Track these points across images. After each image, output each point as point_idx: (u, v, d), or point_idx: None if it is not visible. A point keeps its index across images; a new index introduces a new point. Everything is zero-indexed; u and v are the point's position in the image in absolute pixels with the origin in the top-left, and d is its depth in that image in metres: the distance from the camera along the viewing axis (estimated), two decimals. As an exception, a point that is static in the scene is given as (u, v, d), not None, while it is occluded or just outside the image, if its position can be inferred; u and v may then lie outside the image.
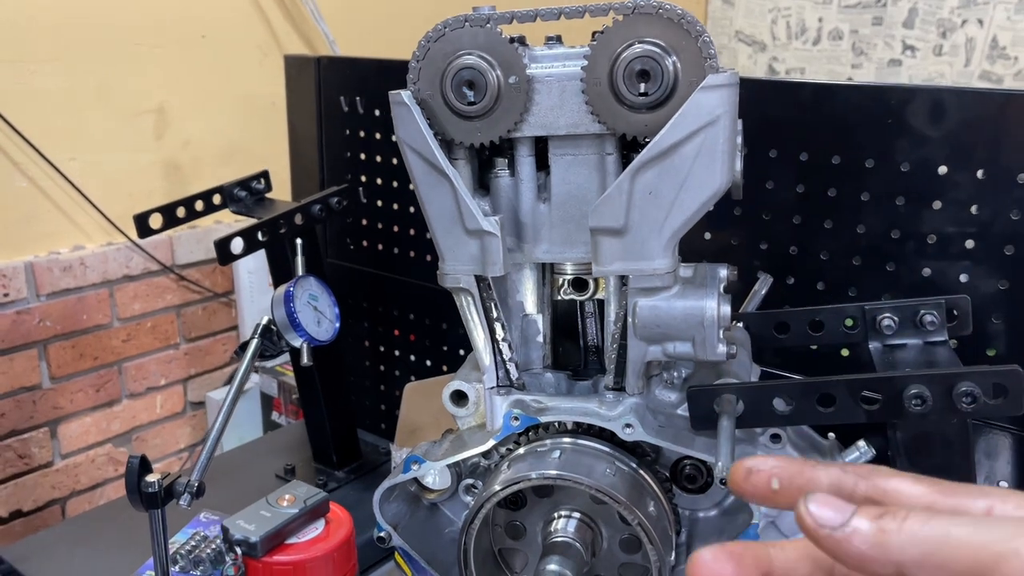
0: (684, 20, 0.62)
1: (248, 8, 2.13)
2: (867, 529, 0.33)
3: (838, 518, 0.33)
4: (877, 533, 0.32)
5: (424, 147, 0.67)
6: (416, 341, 1.43)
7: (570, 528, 0.70)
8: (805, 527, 0.34)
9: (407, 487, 0.80)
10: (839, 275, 1.00)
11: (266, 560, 0.76)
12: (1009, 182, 0.89)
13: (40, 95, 1.80)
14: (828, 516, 0.33)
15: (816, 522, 0.34)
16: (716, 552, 0.37)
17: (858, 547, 0.33)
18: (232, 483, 1.28)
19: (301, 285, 1.06)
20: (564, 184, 0.70)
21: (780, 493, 0.39)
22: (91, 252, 1.92)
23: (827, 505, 0.34)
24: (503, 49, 0.66)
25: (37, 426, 1.89)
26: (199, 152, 2.08)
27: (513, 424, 0.73)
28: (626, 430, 0.70)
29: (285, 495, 0.80)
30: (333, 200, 1.21)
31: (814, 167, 0.99)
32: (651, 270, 0.66)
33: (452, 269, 0.71)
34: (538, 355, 0.78)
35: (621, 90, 0.64)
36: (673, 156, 0.63)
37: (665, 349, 0.69)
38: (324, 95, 1.43)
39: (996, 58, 2.98)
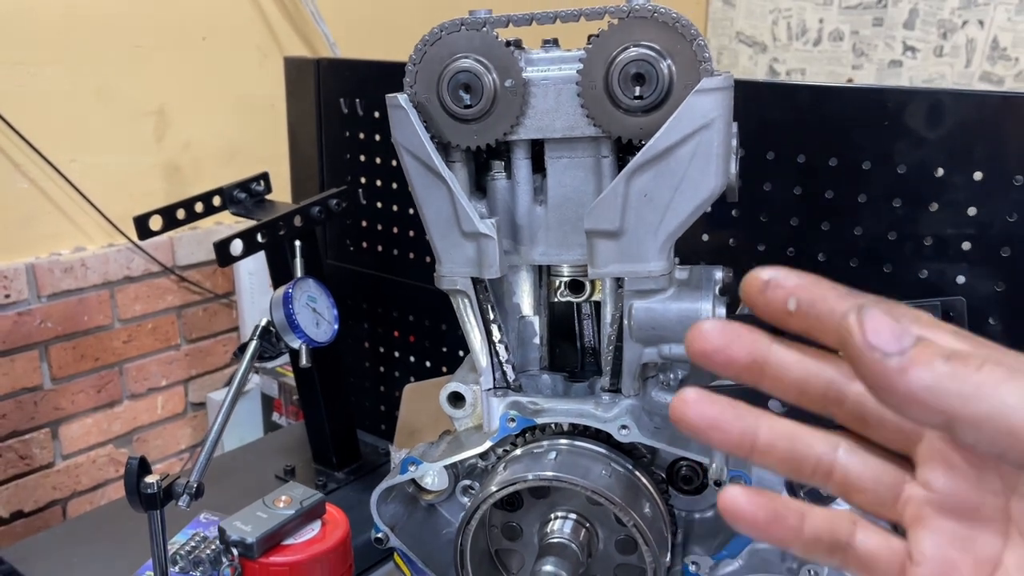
0: (679, 24, 0.62)
1: (248, 10, 2.14)
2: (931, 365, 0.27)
3: (896, 343, 0.27)
4: (944, 375, 0.27)
5: (421, 150, 0.68)
6: (416, 342, 1.43)
7: (566, 529, 0.71)
8: (852, 345, 0.28)
9: (405, 488, 0.80)
10: (836, 276, 0.99)
11: (262, 561, 0.77)
12: (1006, 184, 0.89)
13: (41, 96, 1.80)
14: (885, 337, 0.28)
15: (868, 341, 0.28)
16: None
17: (915, 384, 0.27)
18: (232, 484, 1.29)
19: (300, 287, 1.06)
20: (560, 187, 0.70)
21: (795, 316, 0.32)
22: (92, 253, 1.92)
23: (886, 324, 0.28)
24: (499, 52, 0.66)
25: (38, 427, 1.89)
26: (199, 153, 2.09)
27: (510, 426, 0.74)
28: (622, 431, 0.71)
29: (281, 496, 0.81)
30: (332, 202, 1.21)
31: (812, 169, 1.00)
32: (646, 272, 0.67)
33: (449, 271, 0.72)
34: (535, 357, 0.78)
35: (616, 93, 0.64)
36: (668, 159, 0.64)
37: (661, 351, 0.69)
38: (324, 97, 1.43)
39: (997, 59, 2.98)
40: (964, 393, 0.27)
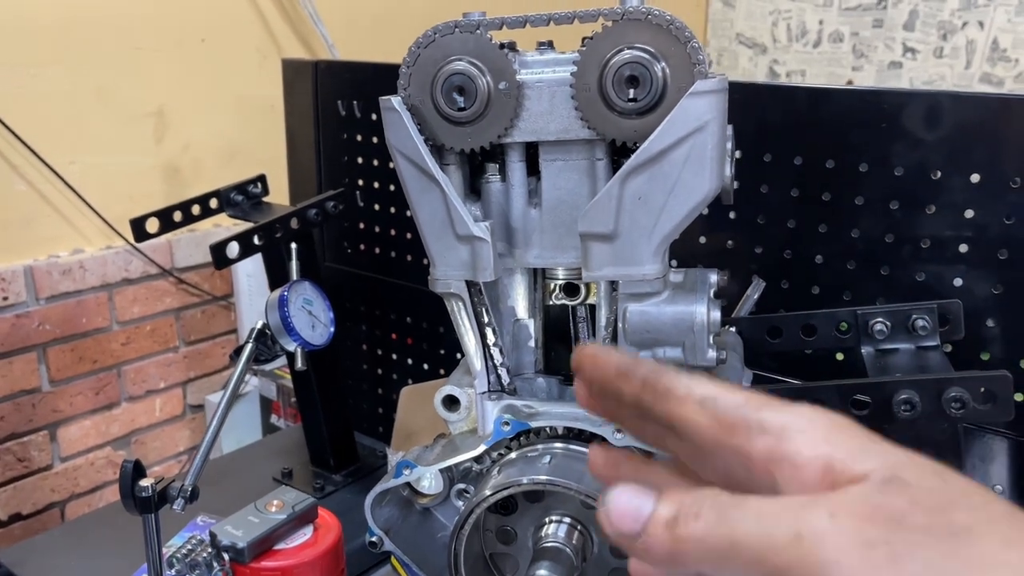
0: (673, 26, 0.62)
1: (247, 11, 2.14)
2: (662, 539, 0.32)
3: (635, 526, 0.32)
4: (672, 543, 0.32)
5: (415, 153, 0.68)
6: (413, 345, 1.43)
7: (561, 533, 0.70)
8: (608, 534, 0.33)
9: (399, 491, 0.80)
10: (834, 279, 1.00)
11: (253, 566, 0.76)
12: (1003, 187, 0.89)
13: (40, 98, 1.80)
14: (626, 524, 0.33)
15: (617, 531, 0.33)
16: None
17: (658, 556, 0.32)
18: (230, 486, 1.28)
19: (295, 289, 1.06)
20: (554, 189, 0.70)
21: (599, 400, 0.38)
22: (90, 255, 1.92)
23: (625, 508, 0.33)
24: (493, 55, 0.66)
25: (36, 429, 1.89)
26: (199, 155, 2.09)
27: (504, 429, 0.73)
28: (617, 435, 0.70)
29: (274, 501, 0.80)
30: (329, 204, 1.21)
31: (809, 171, 0.99)
32: (641, 275, 0.67)
33: (443, 274, 0.71)
34: (530, 360, 0.78)
35: (611, 96, 0.64)
36: (662, 162, 0.63)
37: (655, 354, 0.69)
38: (321, 99, 1.43)
39: (997, 60, 2.98)
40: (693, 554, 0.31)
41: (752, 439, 0.32)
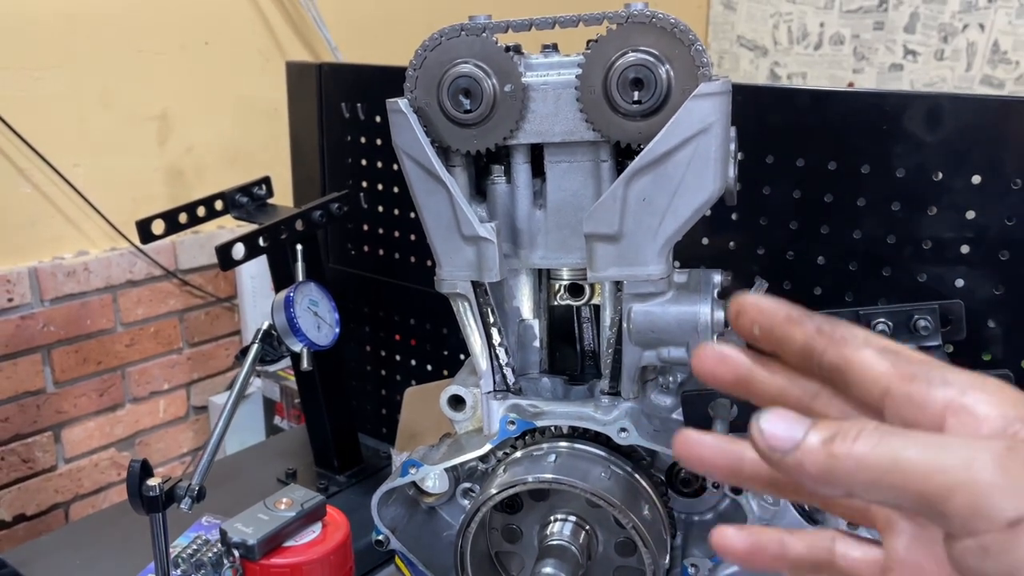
0: (677, 29, 0.63)
1: (251, 14, 2.15)
2: (816, 454, 0.32)
3: (788, 441, 0.33)
4: (827, 458, 0.32)
5: (421, 154, 0.68)
6: (417, 346, 1.44)
7: (566, 531, 0.71)
8: (758, 449, 0.33)
9: (405, 491, 0.80)
10: (836, 280, 1.01)
11: (263, 563, 0.77)
12: (1004, 188, 0.89)
13: (44, 101, 1.81)
14: (779, 439, 0.33)
15: (768, 444, 0.33)
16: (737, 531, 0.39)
17: (809, 472, 0.32)
18: (234, 487, 1.29)
19: (301, 291, 1.07)
20: (559, 191, 0.70)
21: (761, 340, 0.39)
22: (95, 257, 1.93)
23: (778, 424, 0.33)
24: (499, 58, 0.66)
25: (41, 430, 1.90)
26: (202, 157, 2.09)
27: (509, 428, 0.74)
28: (621, 434, 0.71)
29: (283, 499, 0.81)
30: (334, 206, 1.22)
31: (811, 173, 1.00)
32: (645, 276, 0.67)
33: (449, 275, 0.72)
34: (535, 360, 0.79)
35: (615, 98, 0.64)
36: (666, 163, 0.64)
37: (660, 354, 0.70)
38: (325, 101, 1.44)
39: (998, 62, 2.98)
40: (848, 470, 0.31)
41: (933, 389, 0.33)
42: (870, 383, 0.34)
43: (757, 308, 0.39)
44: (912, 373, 0.34)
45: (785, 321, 0.38)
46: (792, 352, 0.38)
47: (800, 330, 0.37)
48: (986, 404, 0.32)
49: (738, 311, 0.39)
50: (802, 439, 0.32)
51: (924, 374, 0.34)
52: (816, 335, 0.36)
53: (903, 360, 0.34)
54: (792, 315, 0.38)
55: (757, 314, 0.38)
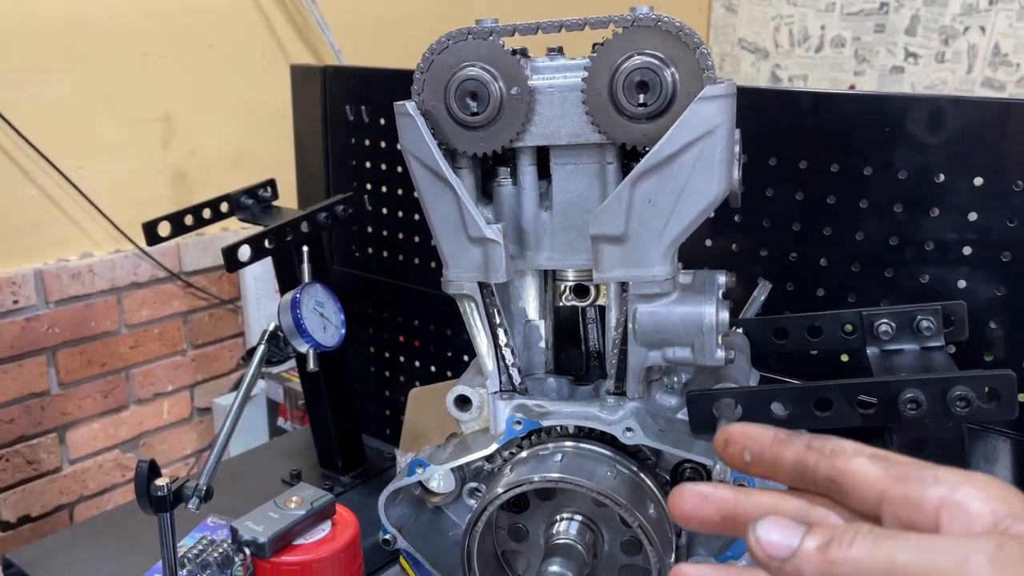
0: (682, 32, 0.63)
1: (254, 17, 2.16)
2: (813, 560, 0.33)
3: (785, 549, 0.34)
4: (824, 564, 0.33)
5: (428, 157, 0.69)
6: (421, 347, 1.44)
7: (572, 530, 0.72)
8: (756, 556, 0.34)
9: (412, 490, 0.81)
10: (838, 281, 1.01)
11: (274, 560, 0.78)
12: (1006, 190, 0.90)
13: (49, 104, 1.82)
14: (775, 547, 0.34)
15: (765, 553, 0.34)
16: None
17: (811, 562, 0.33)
18: (238, 488, 1.29)
19: (307, 292, 1.08)
20: (565, 193, 0.71)
21: (752, 465, 0.40)
22: (99, 259, 1.94)
23: (774, 532, 0.34)
24: (505, 61, 0.67)
25: (46, 432, 1.90)
26: (206, 160, 2.10)
27: (516, 428, 0.75)
28: (627, 434, 0.71)
29: (293, 497, 0.82)
30: (339, 208, 1.22)
31: (813, 175, 1.01)
32: (650, 277, 0.68)
33: (456, 276, 0.73)
34: (540, 360, 0.79)
35: (621, 101, 0.65)
36: (672, 165, 0.65)
37: (665, 354, 0.70)
38: (330, 104, 1.44)
39: (998, 65, 2.99)
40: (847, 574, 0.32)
41: (926, 488, 0.34)
42: (865, 489, 0.36)
43: (744, 435, 0.40)
44: (905, 475, 0.35)
45: (774, 443, 0.39)
46: (785, 472, 0.39)
47: (790, 449, 0.38)
48: (977, 500, 0.33)
49: (726, 440, 0.41)
50: (798, 546, 0.33)
51: (916, 474, 0.35)
52: (806, 452, 0.38)
53: (894, 463, 0.36)
54: (779, 436, 0.39)
55: (746, 440, 0.40)
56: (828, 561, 0.33)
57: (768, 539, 0.34)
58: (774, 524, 0.34)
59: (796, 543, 0.33)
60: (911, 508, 0.34)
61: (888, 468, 0.35)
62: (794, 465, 0.38)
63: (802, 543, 0.33)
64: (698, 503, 0.40)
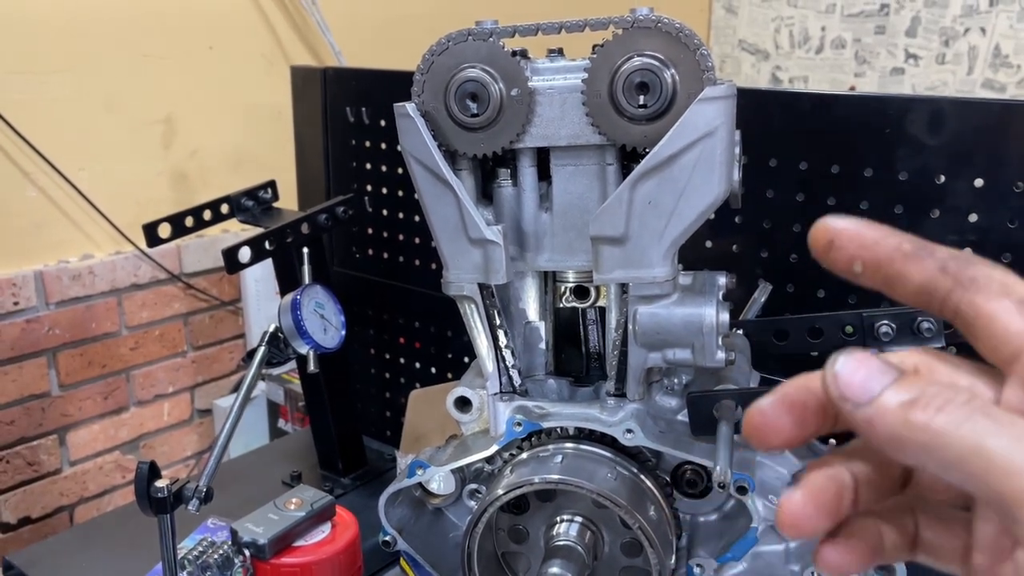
0: (682, 34, 0.64)
1: (255, 19, 2.16)
2: (892, 416, 0.28)
3: (863, 394, 0.29)
4: (902, 425, 0.28)
5: (428, 158, 0.69)
6: (421, 349, 1.44)
7: (572, 532, 0.72)
8: (829, 393, 0.30)
9: (412, 492, 0.81)
10: (839, 283, 1.00)
11: (274, 562, 0.78)
12: (1006, 191, 0.90)
13: (49, 105, 1.82)
14: (853, 389, 0.29)
15: (840, 393, 0.29)
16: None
17: (880, 434, 0.29)
18: (239, 490, 1.29)
19: (307, 293, 1.08)
20: (565, 194, 0.71)
21: (865, 275, 0.33)
22: (99, 261, 1.94)
23: (857, 372, 0.29)
24: (505, 62, 0.67)
25: (46, 433, 1.90)
26: (206, 161, 2.10)
27: (516, 430, 0.75)
28: (627, 435, 0.71)
29: (292, 499, 0.82)
30: (339, 209, 1.22)
31: (814, 176, 1.01)
32: (651, 278, 0.68)
33: (456, 277, 0.73)
34: (540, 362, 0.79)
35: (621, 102, 0.65)
36: (672, 166, 0.65)
37: (665, 356, 0.70)
38: (330, 106, 1.44)
39: (999, 66, 2.99)
40: (924, 443, 0.28)
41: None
42: (1001, 340, 0.30)
43: (858, 241, 0.32)
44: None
45: (897, 257, 0.32)
46: (906, 292, 0.32)
47: (919, 268, 0.31)
48: None
49: (830, 243, 0.33)
50: (878, 394, 0.29)
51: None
52: (940, 275, 0.31)
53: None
54: (905, 248, 0.32)
55: (858, 249, 0.32)
56: (907, 422, 0.28)
57: (848, 379, 0.29)
58: (857, 362, 0.29)
59: (876, 390, 0.29)
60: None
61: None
62: (921, 287, 0.32)
63: (883, 393, 0.29)
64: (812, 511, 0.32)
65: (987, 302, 0.30)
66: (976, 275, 0.31)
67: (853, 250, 0.33)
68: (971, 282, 0.31)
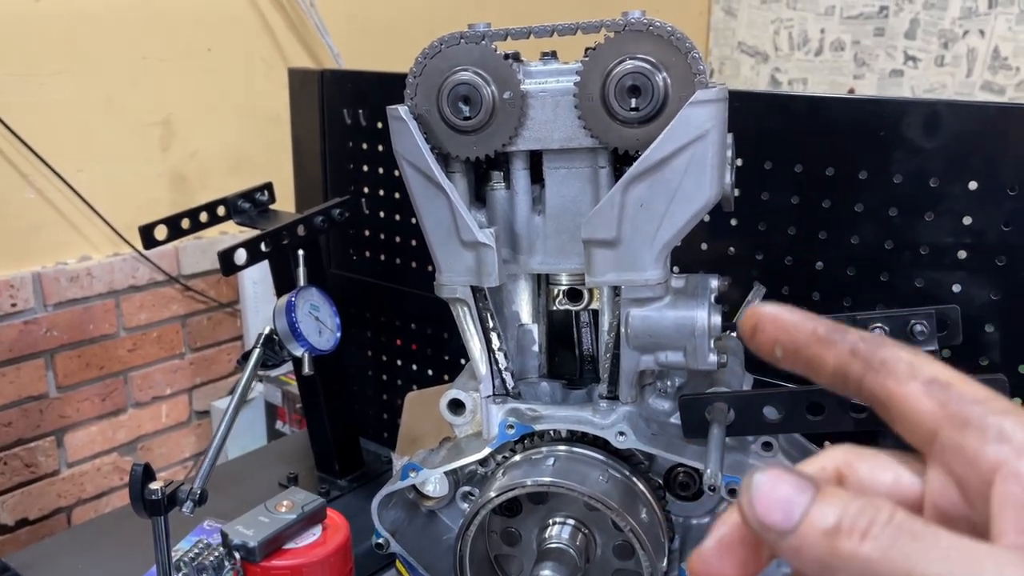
0: (674, 37, 0.64)
1: (253, 21, 2.16)
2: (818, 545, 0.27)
3: (785, 520, 0.27)
4: (829, 554, 0.27)
5: (421, 161, 0.69)
6: (418, 351, 1.44)
7: (564, 535, 0.72)
8: (747, 521, 0.28)
9: (405, 494, 0.81)
10: (834, 285, 1.01)
11: (264, 565, 0.78)
12: (1001, 194, 0.90)
13: (48, 107, 1.82)
14: (774, 516, 0.27)
15: (760, 522, 0.28)
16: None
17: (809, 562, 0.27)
18: (235, 491, 1.29)
19: (303, 295, 1.08)
20: (558, 196, 0.71)
21: (784, 361, 0.33)
22: (97, 263, 1.94)
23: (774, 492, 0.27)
24: (498, 65, 0.67)
25: (43, 435, 1.90)
26: (205, 163, 2.10)
27: (508, 432, 0.75)
28: (619, 438, 0.71)
29: (283, 501, 0.82)
30: (335, 212, 1.22)
31: (809, 179, 1.01)
32: (643, 281, 0.68)
33: (448, 280, 0.73)
34: (534, 364, 0.79)
35: (613, 105, 0.65)
36: (664, 169, 0.65)
37: (657, 358, 0.70)
38: (327, 108, 1.44)
39: (998, 68, 2.99)
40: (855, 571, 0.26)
41: (986, 443, 0.27)
42: (916, 423, 0.29)
43: (777, 324, 0.33)
44: (964, 418, 0.28)
45: (812, 341, 0.32)
46: (824, 376, 0.32)
47: (831, 352, 0.31)
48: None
49: (755, 327, 0.34)
50: (799, 521, 0.27)
51: (979, 420, 0.28)
52: (851, 359, 0.31)
53: (955, 399, 0.29)
54: (820, 334, 0.32)
55: (778, 332, 0.33)
56: (833, 551, 0.26)
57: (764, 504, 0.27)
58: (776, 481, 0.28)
59: (797, 517, 0.27)
60: (964, 462, 0.28)
61: (946, 404, 0.28)
62: (835, 371, 0.31)
63: (803, 520, 0.27)
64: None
65: (897, 386, 0.30)
66: (885, 357, 0.30)
67: (773, 332, 0.33)
68: (881, 365, 0.30)
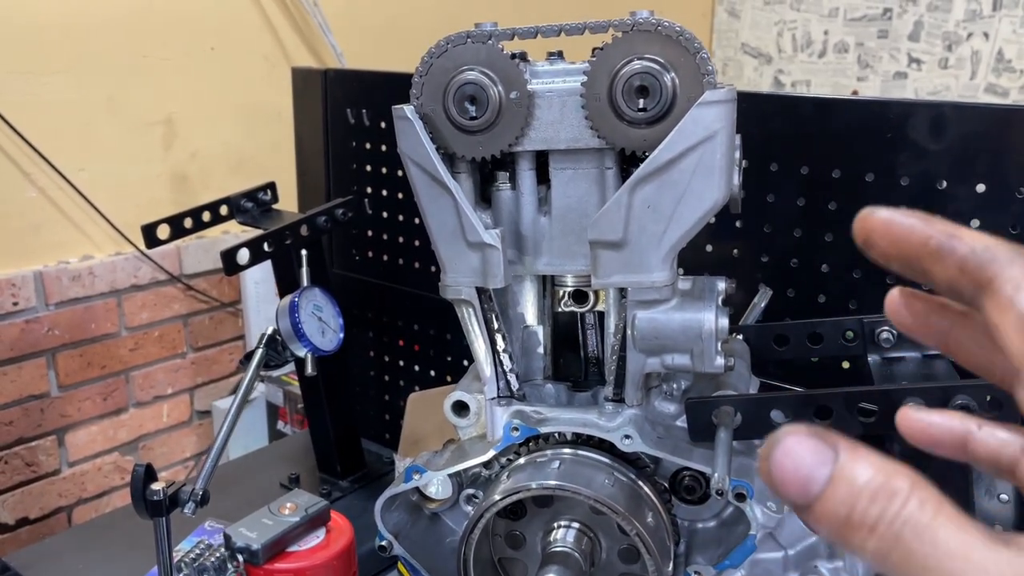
0: (682, 37, 0.63)
1: (256, 20, 2.15)
2: (832, 528, 0.27)
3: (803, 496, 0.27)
4: (838, 539, 0.27)
5: (426, 161, 0.69)
6: (420, 352, 1.44)
7: (569, 538, 0.71)
8: (769, 483, 0.28)
9: (409, 496, 0.80)
10: (840, 288, 1.01)
11: (267, 567, 0.77)
12: (1008, 197, 0.89)
13: (50, 106, 1.82)
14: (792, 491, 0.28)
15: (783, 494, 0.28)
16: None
17: (826, 535, 0.28)
18: (237, 492, 1.29)
19: (306, 296, 1.07)
20: (564, 197, 0.71)
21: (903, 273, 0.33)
22: (99, 262, 1.93)
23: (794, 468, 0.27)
24: (504, 65, 0.67)
25: (45, 434, 1.90)
26: (207, 163, 2.10)
27: (513, 435, 0.74)
28: (625, 441, 0.71)
29: (287, 503, 0.81)
30: (338, 211, 1.22)
31: (815, 181, 1.00)
32: (649, 282, 0.67)
33: (453, 281, 0.72)
34: (539, 366, 0.79)
35: (620, 105, 0.65)
36: (671, 170, 0.64)
37: (664, 361, 0.70)
38: (331, 107, 1.44)
39: (1002, 71, 2.98)
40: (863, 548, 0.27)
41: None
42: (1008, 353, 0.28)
43: (889, 237, 0.32)
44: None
45: (924, 254, 0.31)
46: (940, 290, 0.31)
47: (940, 268, 0.30)
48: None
49: (866, 239, 0.33)
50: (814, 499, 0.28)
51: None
52: (960, 277, 0.30)
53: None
54: (931, 247, 0.31)
55: (889, 247, 0.32)
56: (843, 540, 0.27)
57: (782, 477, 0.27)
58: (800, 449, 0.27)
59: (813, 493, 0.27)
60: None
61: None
62: (948, 288, 0.31)
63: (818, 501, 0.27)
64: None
65: (997, 312, 0.29)
66: (994, 275, 0.29)
67: (884, 248, 0.32)
68: (988, 283, 0.29)
